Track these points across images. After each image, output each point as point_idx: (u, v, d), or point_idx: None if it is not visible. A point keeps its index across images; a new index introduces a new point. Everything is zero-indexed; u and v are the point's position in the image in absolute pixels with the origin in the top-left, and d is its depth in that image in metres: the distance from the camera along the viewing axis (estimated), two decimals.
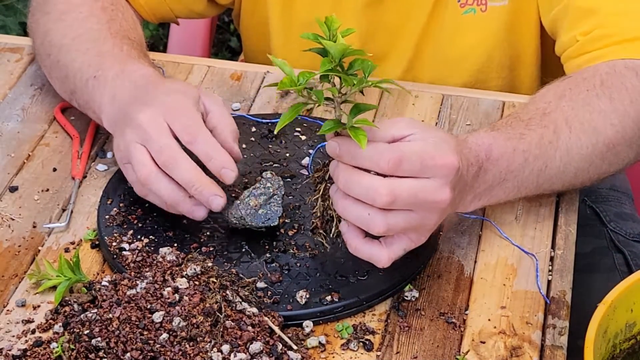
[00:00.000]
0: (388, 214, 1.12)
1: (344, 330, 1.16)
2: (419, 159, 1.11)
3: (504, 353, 1.14)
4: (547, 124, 1.26)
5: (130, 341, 1.10)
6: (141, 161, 1.22)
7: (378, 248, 1.15)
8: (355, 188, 1.11)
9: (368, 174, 1.11)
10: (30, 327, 1.17)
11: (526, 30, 1.52)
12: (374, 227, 1.12)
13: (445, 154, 1.12)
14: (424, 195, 1.12)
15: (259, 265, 1.22)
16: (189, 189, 1.21)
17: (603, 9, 1.36)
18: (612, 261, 1.54)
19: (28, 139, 1.44)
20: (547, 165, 1.25)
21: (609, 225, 1.58)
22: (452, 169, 1.12)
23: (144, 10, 1.54)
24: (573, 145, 1.26)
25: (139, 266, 1.21)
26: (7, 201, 1.34)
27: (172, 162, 1.20)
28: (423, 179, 1.12)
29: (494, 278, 1.23)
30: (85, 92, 1.37)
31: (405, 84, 1.52)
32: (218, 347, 1.10)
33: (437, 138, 1.13)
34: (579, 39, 1.37)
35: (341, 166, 1.13)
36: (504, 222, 1.30)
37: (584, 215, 1.54)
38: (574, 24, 1.38)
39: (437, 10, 1.52)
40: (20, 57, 1.58)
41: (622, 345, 1.18)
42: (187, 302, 1.12)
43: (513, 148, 1.22)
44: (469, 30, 1.52)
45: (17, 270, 1.24)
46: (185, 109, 1.24)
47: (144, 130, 1.22)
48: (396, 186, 1.10)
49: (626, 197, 1.66)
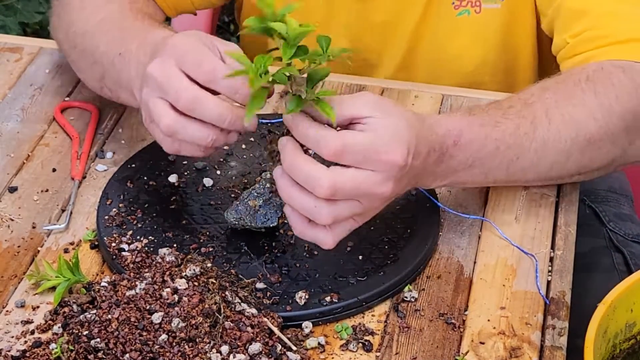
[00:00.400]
0: (334, 205, 1.11)
1: (344, 331, 1.16)
2: (362, 152, 1.10)
3: (503, 354, 1.14)
4: (526, 115, 1.24)
5: (129, 342, 1.10)
6: (160, 113, 1.16)
7: (323, 232, 1.14)
8: (298, 174, 1.11)
9: (312, 161, 1.10)
10: (29, 327, 1.17)
11: (522, 33, 1.52)
12: (320, 218, 1.12)
13: (392, 150, 1.10)
14: (365, 188, 1.11)
15: (258, 266, 1.22)
16: (220, 124, 1.16)
17: (593, 11, 1.35)
18: (611, 261, 1.54)
19: (28, 139, 1.44)
20: (520, 156, 1.24)
21: (608, 225, 1.58)
22: (394, 166, 1.11)
23: (165, 5, 1.52)
24: (550, 138, 1.24)
25: (138, 267, 1.21)
26: (6, 202, 1.34)
27: (193, 103, 1.15)
28: (366, 170, 1.11)
29: (494, 279, 1.23)
30: (114, 72, 1.32)
31: (402, 84, 1.52)
32: (217, 347, 1.10)
33: (393, 127, 1.12)
34: (569, 40, 1.36)
35: (289, 146, 1.11)
36: (503, 223, 1.30)
37: (583, 214, 1.54)
38: (565, 25, 1.38)
39: (430, 10, 1.51)
40: (20, 57, 1.58)
41: (622, 345, 1.18)
42: (186, 302, 1.12)
43: (485, 135, 1.21)
44: (463, 32, 1.51)
45: (16, 270, 1.24)
46: (194, 49, 1.18)
47: (155, 80, 1.17)
48: (338, 179, 1.09)
49: (625, 198, 1.66)
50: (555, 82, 1.30)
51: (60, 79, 1.53)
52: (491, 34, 1.52)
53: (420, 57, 1.56)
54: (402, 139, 1.12)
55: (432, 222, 1.28)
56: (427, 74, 1.56)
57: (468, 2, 1.50)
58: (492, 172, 1.24)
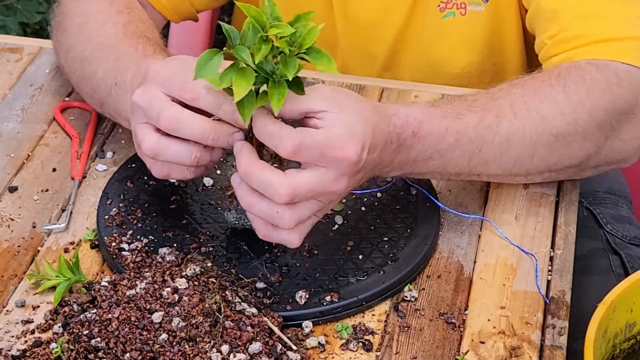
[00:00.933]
0: (294, 208, 1.12)
1: (344, 331, 1.16)
2: (318, 149, 1.10)
3: (503, 353, 1.14)
4: (491, 108, 1.24)
5: (129, 341, 1.10)
6: (144, 137, 1.16)
7: (287, 233, 1.14)
8: (255, 181, 1.11)
9: (267, 168, 1.11)
10: (29, 327, 1.17)
11: (508, 35, 1.51)
12: (284, 224, 1.13)
13: (347, 146, 1.11)
14: (321, 187, 1.12)
15: (259, 266, 1.22)
16: (204, 141, 1.15)
17: (566, 12, 1.34)
18: (608, 263, 1.53)
19: (28, 139, 1.44)
20: (482, 149, 1.23)
21: (606, 227, 1.58)
22: (349, 162, 1.11)
23: (166, 9, 1.52)
24: (515, 133, 1.23)
25: (138, 266, 1.21)
26: (6, 201, 1.34)
27: (174, 122, 1.14)
28: (320, 169, 1.11)
29: (494, 278, 1.23)
30: (112, 102, 1.34)
31: (403, 84, 1.52)
32: (217, 347, 1.10)
33: (348, 123, 1.12)
34: (546, 42, 1.35)
35: (244, 152, 1.12)
36: (503, 222, 1.30)
37: (581, 216, 1.53)
38: (543, 26, 1.36)
39: (416, 12, 1.50)
40: (20, 57, 1.58)
41: (622, 345, 1.18)
42: (186, 302, 1.12)
43: (446, 127, 1.21)
44: (449, 34, 1.51)
45: (16, 270, 1.24)
46: (178, 71, 1.17)
47: (140, 106, 1.17)
48: (295, 184, 1.10)
49: (623, 200, 1.65)
50: (524, 79, 1.29)
51: (60, 79, 1.53)
52: (477, 36, 1.51)
53: (406, 58, 1.55)
54: (356, 135, 1.12)
55: (432, 222, 1.28)
56: (413, 75, 1.56)
57: (454, 4, 1.49)
58: (451, 165, 1.23)
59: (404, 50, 1.55)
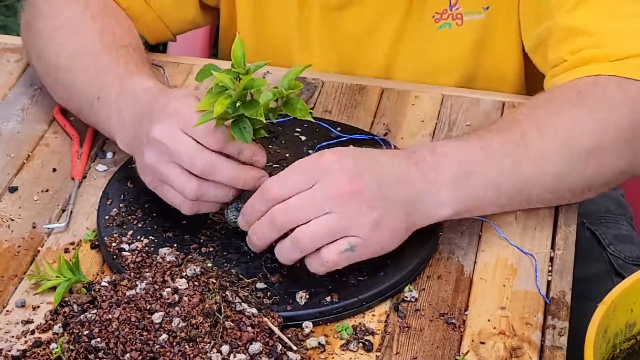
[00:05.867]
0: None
1: (344, 331, 1.16)
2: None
3: (503, 354, 1.14)
4: (513, 129, 1.24)
5: (129, 342, 1.10)
6: (182, 181, 1.21)
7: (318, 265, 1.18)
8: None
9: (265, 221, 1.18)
10: (29, 327, 1.17)
11: (506, 46, 1.49)
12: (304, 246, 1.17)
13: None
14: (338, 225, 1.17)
15: (259, 266, 1.22)
16: (235, 185, 1.21)
17: (589, 28, 1.33)
18: (612, 286, 1.52)
19: (28, 139, 1.44)
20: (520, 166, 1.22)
21: (608, 248, 1.57)
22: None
23: (146, 33, 1.53)
24: (547, 149, 1.23)
25: (138, 267, 1.21)
26: (6, 201, 1.34)
27: (210, 167, 1.20)
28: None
29: (494, 278, 1.23)
30: (92, 114, 1.35)
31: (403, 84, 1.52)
32: (217, 347, 1.10)
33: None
34: (566, 58, 1.34)
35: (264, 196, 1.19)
36: (503, 223, 1.30)
37: (583, 238, 1.53)
38: (561, 42, 1.35)
39: (409, 22, 1.49)
40: (20, 57, 1.58)
41: (622, 345, 1.18)
42: (186, 302, 1.12)
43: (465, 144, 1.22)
44: (444, 44, 1.49)
45: (16, 270, 1.24)
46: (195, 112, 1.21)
47: (166, 146, 1.20)
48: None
49: (624, 217, 1.64)
50: (544, 100, 1.29)
51: None
52: (474, 45, 1.49)
53: (401, 67, 1.53)
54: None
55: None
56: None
57: (449, 15, 1.48)
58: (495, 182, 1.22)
59: (398, 61, 1.53)
